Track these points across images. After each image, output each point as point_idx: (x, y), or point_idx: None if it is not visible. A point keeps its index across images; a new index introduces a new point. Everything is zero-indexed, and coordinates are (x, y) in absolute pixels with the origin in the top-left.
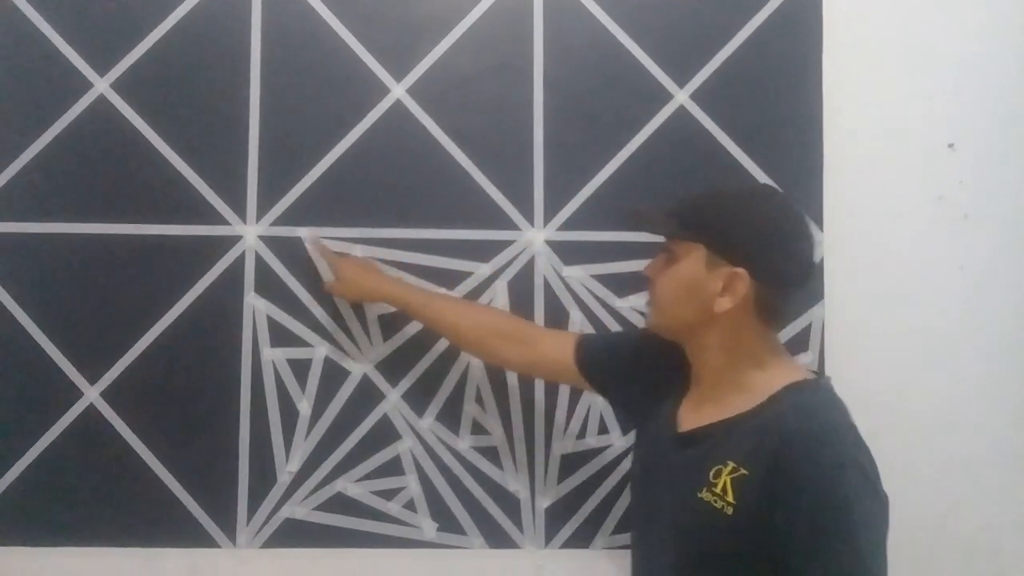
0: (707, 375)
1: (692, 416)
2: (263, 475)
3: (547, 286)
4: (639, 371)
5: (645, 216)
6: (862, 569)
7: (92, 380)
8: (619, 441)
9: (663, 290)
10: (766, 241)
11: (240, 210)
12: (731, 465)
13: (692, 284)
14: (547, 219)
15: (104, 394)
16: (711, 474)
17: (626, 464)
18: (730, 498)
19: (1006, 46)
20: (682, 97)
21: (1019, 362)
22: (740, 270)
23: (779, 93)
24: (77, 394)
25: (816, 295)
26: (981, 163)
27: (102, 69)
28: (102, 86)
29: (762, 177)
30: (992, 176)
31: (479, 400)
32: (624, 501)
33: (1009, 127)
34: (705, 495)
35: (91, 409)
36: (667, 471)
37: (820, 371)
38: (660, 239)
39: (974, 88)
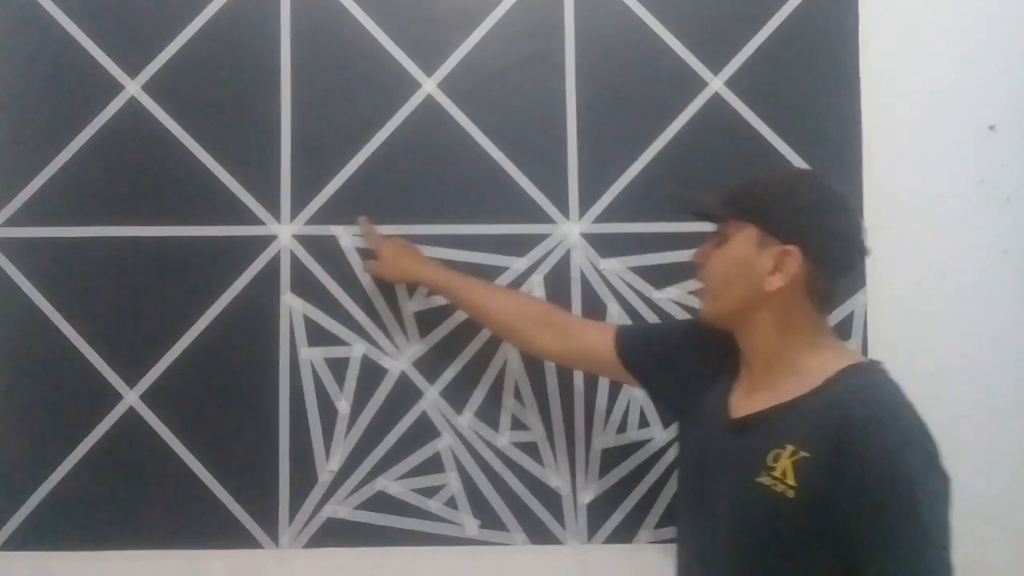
0: (759, 360)
1: (744, 402)
2: (304, 475)
3: (584, 279)
4: (683, 361)
5: (693, 200)
6: (928, 546)
7: (131, 383)
8: (660, 434)
9: (714, 272)
10: (815, 219)
11: (274, 209)
12: (790, 448)
13: (743, 264)
14: (582, 211)
15: (143, 397)
16: (769, 458)
17: (668, 457)
18: (791, 481)
19: None
20: (717, 84)
21: None
22: (791, 247)
23: (815, 78)
24: (117, 398)
25: (858, 282)
26: None
27: (133, 71)
28: (133, 88)
29: (800, 164)
30: None
31: (518, 396)
32: (667, 495)
33: None
34: (764, 479)
35: (131, 412)
36: (721, 459)
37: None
38: (699, 228)
39: (1015, 68)
